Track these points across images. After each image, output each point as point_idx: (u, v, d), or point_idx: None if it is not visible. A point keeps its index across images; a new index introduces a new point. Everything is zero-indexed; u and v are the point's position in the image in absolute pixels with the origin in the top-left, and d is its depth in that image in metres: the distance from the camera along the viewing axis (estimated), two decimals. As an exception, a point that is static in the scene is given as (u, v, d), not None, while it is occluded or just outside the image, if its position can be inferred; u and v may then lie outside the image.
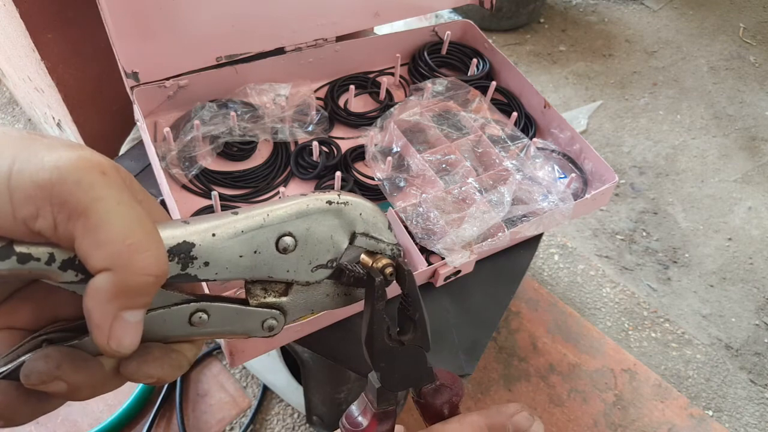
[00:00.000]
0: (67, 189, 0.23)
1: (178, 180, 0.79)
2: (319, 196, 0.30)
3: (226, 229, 0.28)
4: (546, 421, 1.26)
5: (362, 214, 0.31)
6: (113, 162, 0.25)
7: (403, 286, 0.32)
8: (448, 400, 0.34)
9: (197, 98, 0.84)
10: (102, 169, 0.24)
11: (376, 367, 0.32)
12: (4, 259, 0.23)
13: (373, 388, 0.32)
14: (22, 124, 1.68)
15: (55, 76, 0.94)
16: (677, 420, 1.29)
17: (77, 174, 0.23)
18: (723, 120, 1.98)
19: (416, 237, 0.73)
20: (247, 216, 0.28)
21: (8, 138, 0.23)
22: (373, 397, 0.32)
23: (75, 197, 0.23)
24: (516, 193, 0.78)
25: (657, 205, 1.73)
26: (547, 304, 1.45)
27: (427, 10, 0.98)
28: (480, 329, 0.75)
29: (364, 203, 0.31)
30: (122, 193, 0.24)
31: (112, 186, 0.24)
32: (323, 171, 0.82)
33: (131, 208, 0.24)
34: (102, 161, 0.24)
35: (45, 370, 0.25)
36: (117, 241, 0.23)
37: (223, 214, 0.28)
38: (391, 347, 0.32)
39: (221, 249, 0.28)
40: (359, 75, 0.96)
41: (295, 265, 0.30)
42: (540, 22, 2.26)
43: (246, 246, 0.28)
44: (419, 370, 0.33)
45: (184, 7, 0.75)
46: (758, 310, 1.52)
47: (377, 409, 0.32)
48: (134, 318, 0.25)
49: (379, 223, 0.31)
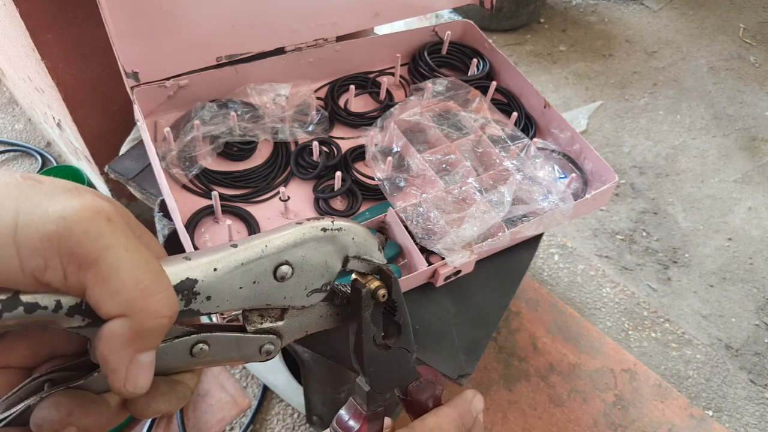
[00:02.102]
0: (76, 240, 0.23)
1: (178, 180, 0.79)
2: (314, 224, 0.30)
3: (227, 263, 0.28)
4: (546, 421, 1.26)
5: (354, 239, 0.32)
6: (114, 203, 0.25)
7: (389, 291, 0.33)
8: (432, 394, 0.36)
9: (197, 98, 0.84)
10: (107, 215, 0.24)
11: (365, 372, 0.33)
12: (11, 310, 0.23)
13: (362, 392, 0.34)
14: (22, 125, 1.68)
15: (55, 76, 0.94)
16: (677, 420, 1.29)
17: (84, 224, 0.23)
18: (723, 120, 1.98)
19: (416, 237, 0.73)
20: (246, 248, 0.29)
21: (7, 188, 0.23)
22: (363, 401, 0.34)
23: (84, 248, 0.23)
24: (516, 193, 0.78)
25: (657, 205, 1.73)
26: (547, 304, 1.45)
27: (427, 10, 0.98)
28: (480, 329, 0.74)
29: (356, 228, 0.32)
30: (129, 239, 0.24)
31: (118, 232, 0.24)
32: (323, 171, 0.82)
33: (139, 253, 0.24)
34: (105, 207, 0.24)
35: (58, 418, 0.25)
36: (130, 287, 0.24)
37: (222, 247, 0.29)
38: (378, 352, 0.33)
39: (222, 282, 0.28)
40: (359, 75, 0.96)
41: (292, 291, 0.31)
42: (540, 22, 2.26)
43: (246, 277, 0.29)
44: (404, 370, 0.35)
45: (184, 7, 0.75)
46: (758, 310, 1.52)
47: (367, 412, 0.34)
48: (148, 359, 0.25)
49: (370, 246, 0.33)
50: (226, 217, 0.76)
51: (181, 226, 0.70)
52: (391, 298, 0.33)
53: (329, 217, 0.32)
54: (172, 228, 0.77)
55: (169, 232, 0.77)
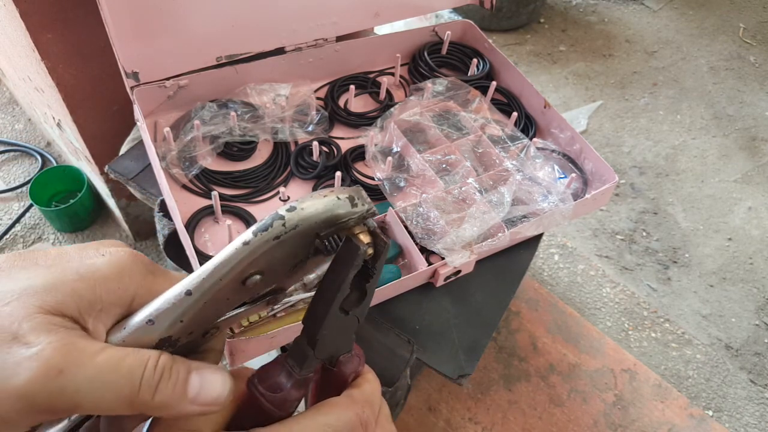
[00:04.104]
0: (48, 403, 0.23)
1: (178, 180, 0.79)
2: (265, 236, 0.28)
3: (194, 309, 0.28)
4: (546, 421, 1.26)
5: (317, 221, 0.29)
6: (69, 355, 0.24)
7: (377, 256, 0.31)
8: (355, 369, 0.33)
9: (197, 98, 0.84)
10: (57, 368, 0.23)
11: (317, 334, 0.31)
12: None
13: (300, 353, 0.31)
14: (22, 125, 1.68)
15: (55, 76, 0.94)
16: (677, 420, 1.29)
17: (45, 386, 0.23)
18: (723, 120, 1.98)
19: (416, 237, 0.73)
20: (200, 292, 0.28)
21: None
22: (297, 363, 0.31)
23: (60, 404, 0.23)
24: (516, 194, 0.78)
25: (657, 205, 1.73)
26: (547, 304, 1.45)
27: (427, 10, 0.98)
28: (480, 329, 0.74)
29: (315, 208, 0.28)
30: (87, 368, 0.24)
31: (79, 374, 0.24)
32: (323, 171, 0.82)
33: (104, 366, 0.24)
34: (54, 361, 0.23)
35: None
36: (120, 400, 0.25)
37: (171, 296, 0.28)
38: (339, 316, 0.31)
39: (201, 309, 0.28)
40: (359, 75, 0.96)
41: (271, 281, 0.30)
42: (540, 22, 2.26)
43: (216, 304, 0.29)
44: (346, 339, 0.33)
45: (185, 7, 0.75)
46: (758, 310, 1.52)
47: (299, 376, 0.31)
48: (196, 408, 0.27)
49: (340, 211, 0.29)
50: (226, 217, 0.76)
51: (181, 226, 0.70)
52: (374, 264, 0.31)
53: (286, 208, 0.28)
54: (172, 228, 0.77)
55: (169, 232, 0.77)
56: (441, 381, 1.28)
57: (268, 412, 0.30)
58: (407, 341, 0.72)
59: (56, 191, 1.47)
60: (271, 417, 0.30)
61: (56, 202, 1.47)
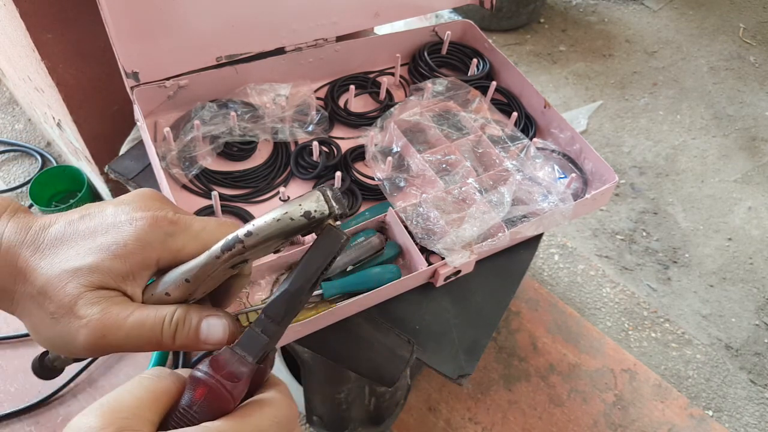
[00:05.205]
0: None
1: (178, 180, 0.79)
2: (226, 265, 0.34)
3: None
4: (546, 421, 1.27)
5: (275, 236, 0.32)
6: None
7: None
8: (273, 358, 0.34)
9: (197, 98, 0.84)
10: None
11: (282, 322, 0.31)
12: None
13: (257, 341, 0.31)
14: (22, 125, 1.68)
15: (55, 76, 0.94)
16: (677, 420, 1.29)
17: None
18: (723, 120, 1.98)
19: (416, 237, 0.73)
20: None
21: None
22: (249, 353, 0.31)
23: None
24: (516, 194, 0.78)
25: (657, 205, 1.73)
26: (547, 304, 1.45)
27: (427, 10, 0.98)
28: (480, 329, 0.74)
29: (269, 231, 0.32)
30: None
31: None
32: (323, 171, 0.82)
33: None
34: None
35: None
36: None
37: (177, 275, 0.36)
38: (305, 303, 0.32)
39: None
40: (359, 75, 0.96)
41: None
42: (540, 22, 2.26)
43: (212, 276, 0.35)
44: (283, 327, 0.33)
45: (184, 7, 0.75)
46: (758, 310, 1.52)
47: (253, 365, 0.31)
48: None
49: (294, 226, 0.32)
50: (226, 217, 0.76)
51: (181, 226, 0.70)
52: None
53: (244, 233, 0.32)
54: (172, 228, 0.77)
55: (169, 232, 0.77)
56: (441, 381, 1.28)
57: (220, 402, 0.29)
58: (407, 341, 0.72)
59: (56, 191, 1.47)
60: (219, 408, 0.29)
61: (56, 202, 1.47)
